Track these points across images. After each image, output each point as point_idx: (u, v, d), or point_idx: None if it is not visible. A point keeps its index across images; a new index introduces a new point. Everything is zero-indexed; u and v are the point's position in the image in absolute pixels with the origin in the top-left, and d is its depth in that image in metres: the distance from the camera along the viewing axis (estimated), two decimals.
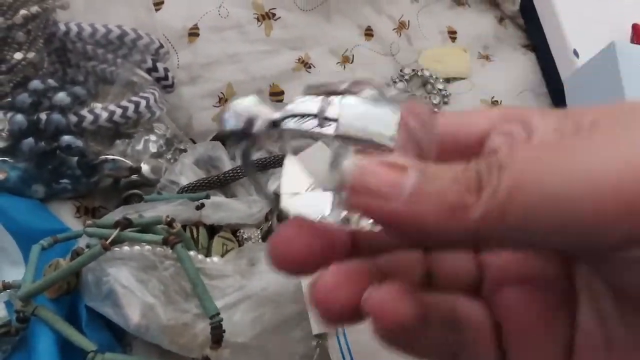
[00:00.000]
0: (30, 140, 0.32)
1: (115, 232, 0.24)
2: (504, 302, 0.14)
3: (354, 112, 0.13)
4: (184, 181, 0.33)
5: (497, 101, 0.52)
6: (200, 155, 0.35)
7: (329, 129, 0.13)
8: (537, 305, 0.14)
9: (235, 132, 0.14)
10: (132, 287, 0.23)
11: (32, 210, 0.31)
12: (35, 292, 0.24)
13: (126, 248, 0.25)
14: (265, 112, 0.14)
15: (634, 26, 0.49)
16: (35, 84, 0.33)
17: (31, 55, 0.34)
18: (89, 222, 0.26)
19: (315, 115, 0.14)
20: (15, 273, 0.30)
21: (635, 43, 0.49)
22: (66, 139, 0.31)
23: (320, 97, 0.14)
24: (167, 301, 0.23)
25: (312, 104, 0.14)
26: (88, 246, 0.25)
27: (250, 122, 0.14)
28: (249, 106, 0.14)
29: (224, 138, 0.34)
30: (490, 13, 0.58)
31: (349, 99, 0.14)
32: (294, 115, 0.14)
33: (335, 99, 0.14)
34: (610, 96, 0.41)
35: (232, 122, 0.14)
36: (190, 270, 0.24)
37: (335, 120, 0.13)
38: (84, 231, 0.25)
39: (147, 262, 0.24)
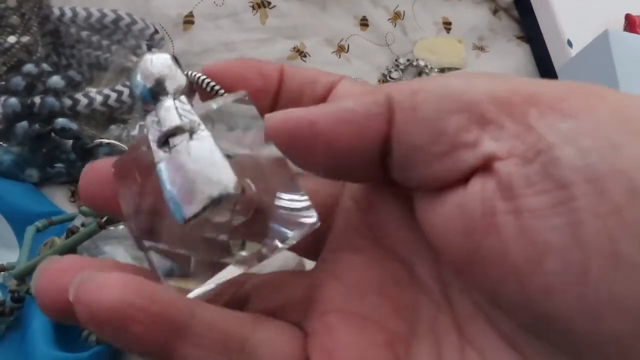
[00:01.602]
0: (24, 124, 0.31)
1: None
2: (321, 329, 0.13)
3: (190, 154, 0.12)
4: None
5: None
6: None
7: (152, 135, 0.13)
8: (361, 342, 0.13)
9: (141, 91, 0.14)
10: None
11: (26, 194, 0.31)
12: (30, 270, 0.24)
13: (122, 227, 0.25)
14: (177, 79, 0.13)
15: (627, 16, 0.50)
16: (29, 67, 0.32)
17: (25, 39, 0.33)
18: None
19: (157, 123, 0.13)
20: (9, 256, 0.29)
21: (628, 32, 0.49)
22: (61, 121, 0.31)
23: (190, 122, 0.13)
24: None
25: (175, 117, 0.13)
26: (83, 225, 0.25)
27: (159, 83, 0.13)
28: (163, 67, 0.14)
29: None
30: (484, 5, 0.58)
31: (203, 142, 0.12)
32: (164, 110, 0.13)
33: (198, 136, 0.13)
34: (604, 84, 0.41)
35: (140, 81, 0.14)
36: None
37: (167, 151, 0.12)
38: (80, 210, 0.25)
39: None
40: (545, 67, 0.53)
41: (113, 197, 0.13)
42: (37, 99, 0.32)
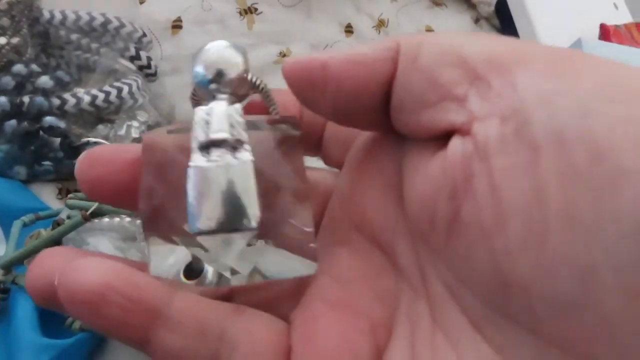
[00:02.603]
0: (12, 122, 0.32)
1: (95, 204, 0.25)
2: (304, 318, 0.13)
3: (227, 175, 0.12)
4: None
5: None
6: None
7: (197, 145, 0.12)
8: (343, 329, 0.13)
9: (200, 79, 0.13)
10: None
11: (13, 190, 0.32)
12: (16, 260, 0.24)
13: (106, 220, 0.25)
14: (237, 65, 0.13)
15: (602, 26, 0.52)
16: (19, 67, 0.33)
17: (15, 40, 0.34)
18: (70, 195, 0.27)
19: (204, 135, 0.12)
20: None
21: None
22: (49, 119, 0.32)
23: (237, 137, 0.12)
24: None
25: (223, 129, 0.12)
26: (69, 217, 0.26)
27: (220, 75, 0.13)
28: (231, 62, 0.13)
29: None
30: (467, 14, 0.60)
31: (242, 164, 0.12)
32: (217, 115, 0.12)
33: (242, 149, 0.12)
34: None
35: (200, 68, 0.13)
36: None
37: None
38: (66, 204, 0.26)
39: (127, 233, 0.25)
40: None
41: (109, 184, 0.13)
42: (26, 98, 0.32)
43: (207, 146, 0.12)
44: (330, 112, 0.13)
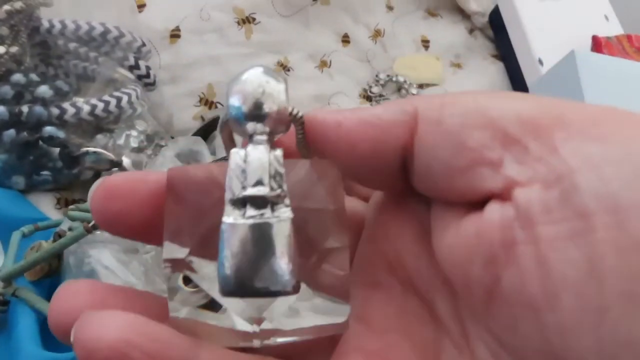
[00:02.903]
0: (11, 132, 0.32)
1: None
2: None
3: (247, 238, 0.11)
4: None
5: None
6: (181, 149, 0.36)
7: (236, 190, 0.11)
8: None
9: (236, 113, 0.11)
10: (113, 268, 0.24)
11: (12, 200, 0.32)
12: (16, 272, 0.24)
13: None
14: (278, 95, 0.11)
15: (594, 37, 0.52)
16: (18, 77, 0.33)
17: (14, 49, 0.34)
18: (71, 206, 0.27)
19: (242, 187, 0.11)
20: None
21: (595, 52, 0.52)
22: (48, 129, 0.32)
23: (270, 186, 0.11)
24: (147, 281, 0.24)
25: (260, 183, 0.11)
26: (70, 229, 0.26)
27: (258, 107, 0.11)
28: (259, 84, 0.11)
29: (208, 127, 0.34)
30: (461, 24, 0.60)
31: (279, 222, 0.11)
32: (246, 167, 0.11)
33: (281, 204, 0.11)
34: (572, 99, 0.44)
35: (237, 102, 0.11)
36: None
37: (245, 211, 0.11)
38: (67, 215, 0.26)
39: (129, 245, 0.25)
40: (518, 84, 0.55)
41: (129, 219, 0.12)
42: (25, 108, 0.32)
43: (243, 201, 0.11)
44: (345, 171, 0.13)
